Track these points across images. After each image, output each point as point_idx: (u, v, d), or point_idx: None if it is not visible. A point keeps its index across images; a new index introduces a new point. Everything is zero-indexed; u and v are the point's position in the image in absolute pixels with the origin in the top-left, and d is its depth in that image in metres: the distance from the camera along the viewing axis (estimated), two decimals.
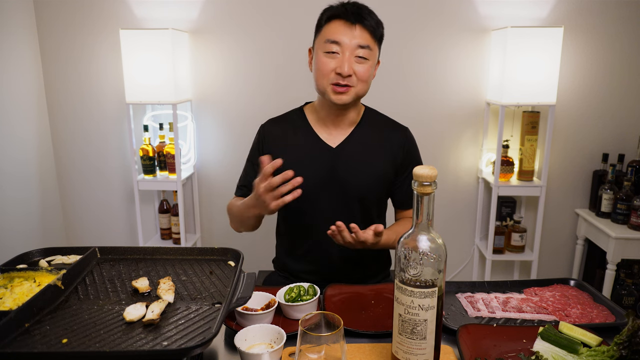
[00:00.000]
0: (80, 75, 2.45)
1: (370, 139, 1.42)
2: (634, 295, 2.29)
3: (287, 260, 1.52)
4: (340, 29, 1.29)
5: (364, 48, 1.29)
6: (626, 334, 0.84)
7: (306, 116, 1.47)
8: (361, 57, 1.29)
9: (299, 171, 1.40)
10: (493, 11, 2.36)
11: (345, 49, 1.28)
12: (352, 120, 1.43)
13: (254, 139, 1.51)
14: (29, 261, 1.10)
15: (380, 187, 1.43)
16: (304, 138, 1.43)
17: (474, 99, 2.47)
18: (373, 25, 1.30)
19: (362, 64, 1.30)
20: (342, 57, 1.28)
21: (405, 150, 1.44)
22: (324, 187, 1.40)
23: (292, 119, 1.48)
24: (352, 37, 1.28)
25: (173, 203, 2.49)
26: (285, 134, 1.45)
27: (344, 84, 1.30)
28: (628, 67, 2.40)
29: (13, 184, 2.24)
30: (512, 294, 1.21)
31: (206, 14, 2.38)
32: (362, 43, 1.29)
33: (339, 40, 1.28)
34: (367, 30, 1.29)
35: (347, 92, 1.31)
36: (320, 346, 0.76)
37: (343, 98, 1.32)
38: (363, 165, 1.40)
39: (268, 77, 2.45)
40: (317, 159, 1.40)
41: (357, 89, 1.32)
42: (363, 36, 1.29)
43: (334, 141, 1.42)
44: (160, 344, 0.77)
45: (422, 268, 0.81)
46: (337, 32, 1.29)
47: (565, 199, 2.57)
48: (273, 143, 1.45)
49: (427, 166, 0.82)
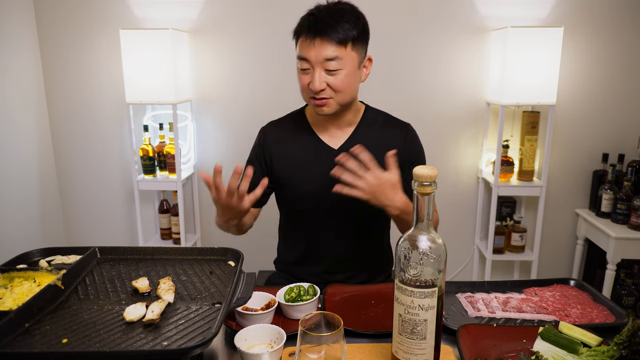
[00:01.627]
0: (80, 75, 2.45)
1: (372, 139, 1.40)
2: (634, 295, 2.29)
3: (289, 261, 1.51)
4: (304, 45, 1.26)
5: (331, 60, 1.24)
6: (626, 334, 0.84)
7: (307, 117, 1.45)
8: (331, 70, 1.26)
9: (301, 173, 1.39)
10: (493, 11, 2.36)
11: (313, 64, 1.25)
12: (350, 121, 1.42)
13: (255, 142, 1.49)
14: (29, 261, 1.10)
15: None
16: (305, 140, 1.42)
17: (474, 99, 2.47)
18: (339, 34, 1.23)
19: (334, 75, 1.26)
20: (312, 72, 1.26)
21: (408, 147, 1.42)
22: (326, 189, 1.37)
23: (293, 121, 1.47)
24: (316, 52, 1.24)
25: (173, 203, 2.49)
26: (286, 136, 1.43)
27: (320, 97, 1.28)
28: (628, 67, 2.40)
29: (13, 184, 2.24)
30: (512, 294, 1.21)
31: (206, 14, 2.38)
32: (327, 56, 1.24)
33: (306, 57, 1.25)
34: (333, 41, 1.23)
35: (327, 104, 1.29)
36: (320, 346, 0.76)
37: (324, 109, 1.31)
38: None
39: (268, 77, 2.45)
40: (319, 161, 1.38)
41: (338, 99, 1.29)
42: (326, 49, 1.23)
43: (335, 142, 1.40)
44: (160, 344, 0.77)
45: (422, 268, 0.81)
46: (303, 48, 1.26)
47: (565, 199, 2.57)
48: (274, 146, 1.43)
49: (427, 166, 0.82)
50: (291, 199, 1.44)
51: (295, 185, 1.40)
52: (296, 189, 1.40)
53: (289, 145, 1.42)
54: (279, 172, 1.42)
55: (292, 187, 1.41)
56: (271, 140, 1.44)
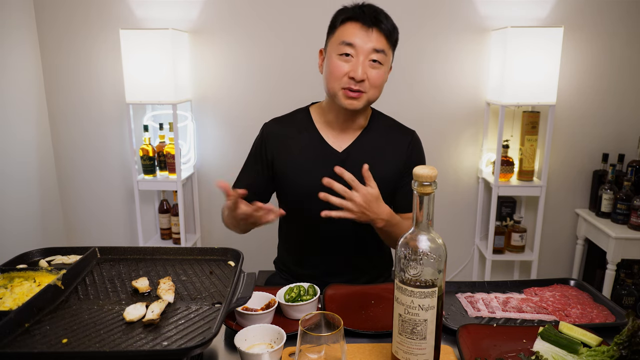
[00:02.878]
0: (80, 75, 2.45)
1: (377, 144, 1.39)
2: (634, 295, 2.29)
3: (289, 262, 1.51)
4: (356, 31, 1.24)
5: (379, 52, 1.24)
6: (626, 334, 0.84)
7: (312, 117, 1.42)
8: (376, 62, 1.25)
9: (303, 174, 1.37)
10: (493, 11, 2.36)
11: (359, 52, 1.24)
12: (360, 124, 1.39)
13: (256, 138, 1.47)
14: (29, 261, 1.10)
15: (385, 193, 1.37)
16: (309, 140, 1.39)
17: (474, 99, 2.47)
18: (389, 29, 1.26)
19: (377, 69, 1.26)
20: (356, 60, 1.24)
21: (410, 154, 1.41)
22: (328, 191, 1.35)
23: (297, 120, 1.43)
24: (367, 40, 1.23)
25: (173, 203, 2.49)
26: (290, 135, 1.40)
27: (357, 89, 1.25)
28: (628, 67, 2.40)
29: (13, 184, 2.24)
30: (512, 294, 1.21)
31: (206, 14, 2.38)
32: (377, 47, 1.24)
33: (354, 43, 1.23)
34: (384, 34, 1.25)
35: (359, 97, 1.27)
36: (320, 346, 0.76)
37: (354, 103, 1.28)
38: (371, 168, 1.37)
39: (268, 77, 2.45)
40: (322, 163, 1.35)
41: (369, 94, 1.28)
42: (379, 40, 1.24)
43: (340, 145, 1.38)
44: (160, 344, 0.77)
45: (422, 268, 0.81)
46: (353, 34, 1.24)
47: (565, 199, 2.57)
48: (276, 144, 1.40)
49: (427, 166, 0.82)
50: (291, 199, 1.42)
51: (295, 186, 1.38)
52: (297, 189, 1.38)
53: (292, 144, 1.39)
54: (280, 170, 1.40)
55: (293, 187, 1.39)
56: (273, 137, 1.41)
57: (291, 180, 1.39)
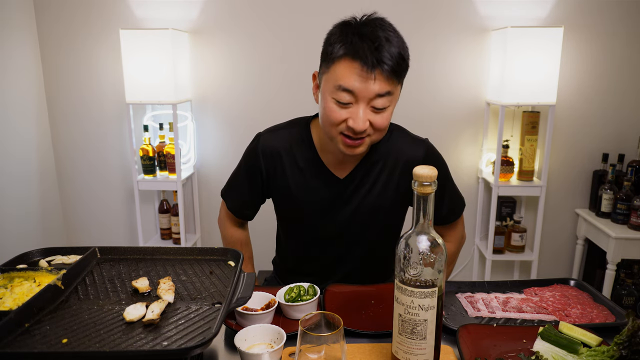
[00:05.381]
0: (80, 75, 2.45)
1: (385, 165, 1.23)
2: (634, 295, 2.29)
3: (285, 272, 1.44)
4: (354, 75, 1.02)
5: (383, 96, 1.05)
6: (626, 334, 0.84)
7: (312, 136, 1.24)
8: (379, 109, 1.06)
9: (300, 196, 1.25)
10: (493, 11, 2.36)
11: (360, 98, 1.04)
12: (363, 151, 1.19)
13: (249, 149, 1.29)
14: (29, 261, 1.10)
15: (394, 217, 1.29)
16: (307, 161, 1.23)
17: (474, 99, 2.47)
18: (396, 63, 1.04)
19: (381, 114, 1.07)
20: (356, 108, 1.05)
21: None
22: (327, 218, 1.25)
23: (295, 134, 1.25)
24: (369, 85, 1.02)
25: (173, 203, 2.49)
26: (286, 151, 1.24)
27: (357, 137, 1.08)
28: (628, 67, 2.40)
29: (13, 184, 2.24)
30: (512, 294, 1.20)
31: (206, 14, 2.38)
32: (381, 91, 1.04)
33: (353, 89, 1.03)
34: (390, 75, 1.04)
35: (361, 144, 1.10)
36: (320, 346, 0.76)
37: (355, 151, 1.11)
38: (376, 198, 1.23)
39: (268, 77, 2.45)
40: (321, 188, 1.23)
41: (374, 137, 1.11)
42: (383, 83, 1.03)
43: (341, 171, 1.23)
44: (160, 344, 0.77)
45: (422, 268, 0.81)
46: (351, 78, 1.03)
47: (565, 199, 2.57)
48: (271, 161, 1.25)
49: (427, 166, 0.81)
50: (288, 218, 1.34)
51: (292, 208, 1.28)
52: (293, 211, 1.29)
53: (288, 162, 1.24)
54: (274, 188, 1.29)
55: (289, 209, 1.30)
56: (268, 152, 1.25)
57: (286, 200, 1.29)
